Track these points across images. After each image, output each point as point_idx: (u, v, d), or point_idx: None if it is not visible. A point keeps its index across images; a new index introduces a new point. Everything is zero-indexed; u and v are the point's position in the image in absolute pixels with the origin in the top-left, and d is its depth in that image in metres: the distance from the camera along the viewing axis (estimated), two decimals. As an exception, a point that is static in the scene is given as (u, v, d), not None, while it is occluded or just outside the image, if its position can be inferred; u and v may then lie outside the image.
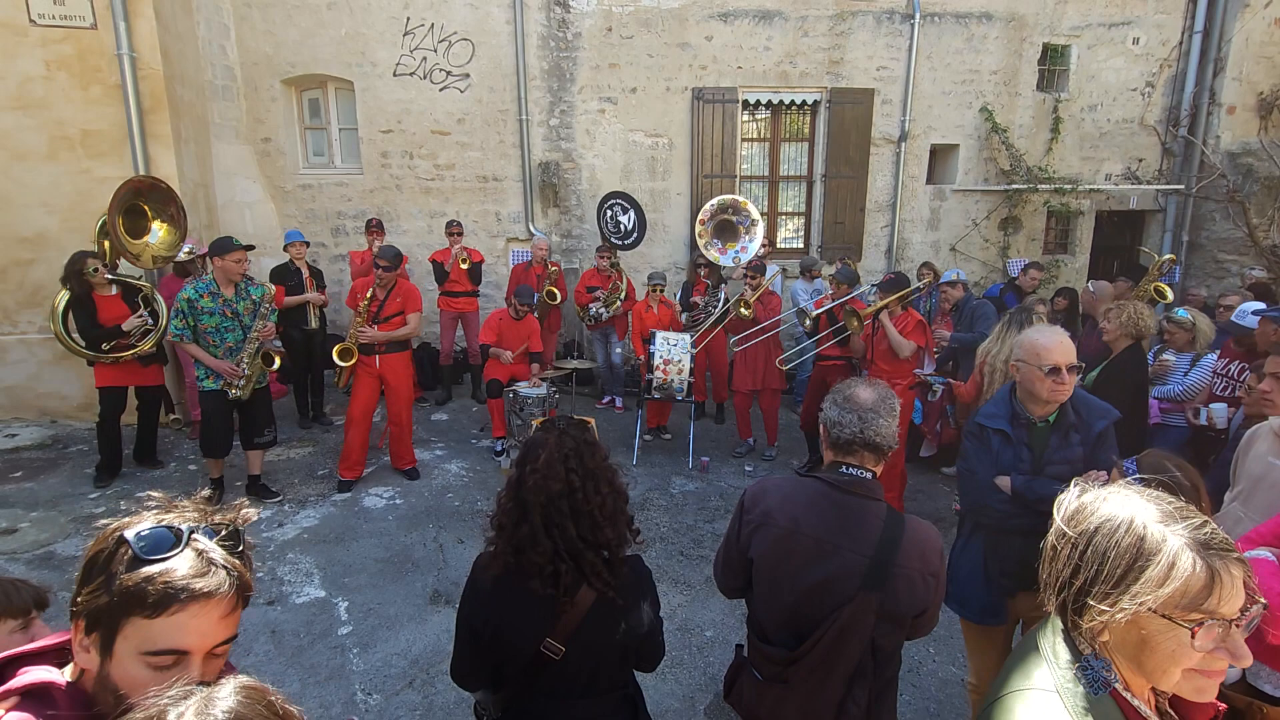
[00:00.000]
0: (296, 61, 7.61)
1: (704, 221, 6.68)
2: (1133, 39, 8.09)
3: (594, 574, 1.49)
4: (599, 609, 1.49)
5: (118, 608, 0.92)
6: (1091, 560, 1.02)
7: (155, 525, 0.97)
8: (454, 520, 4.72)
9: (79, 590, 0.96)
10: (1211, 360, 4.39)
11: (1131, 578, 0.98)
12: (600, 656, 1.50)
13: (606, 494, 1.54)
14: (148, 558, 0.94)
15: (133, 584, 0.92)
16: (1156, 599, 0.95)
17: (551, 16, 7.66)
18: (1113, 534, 1.01)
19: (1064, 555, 1.06)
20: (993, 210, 8.33)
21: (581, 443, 1.56)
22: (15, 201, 5.88)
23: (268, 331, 4.65)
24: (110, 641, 0.93)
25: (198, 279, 4.64)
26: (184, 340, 4.44)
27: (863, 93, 7.96)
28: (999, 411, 2.47)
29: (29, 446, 5.68)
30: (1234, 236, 7.95)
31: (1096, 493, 1.09)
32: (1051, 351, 2.30)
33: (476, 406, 7.07)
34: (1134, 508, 1.04)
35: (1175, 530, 0.99)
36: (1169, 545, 0.98)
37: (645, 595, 1.57)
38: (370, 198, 7.97)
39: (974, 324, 5.41)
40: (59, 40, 5.75)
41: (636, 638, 1.52)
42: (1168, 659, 0.98)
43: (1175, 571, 0.95)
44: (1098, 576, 1.01)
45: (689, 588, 3.97)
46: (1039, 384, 2.32)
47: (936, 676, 3.29)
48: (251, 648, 3.35)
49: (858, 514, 1.68)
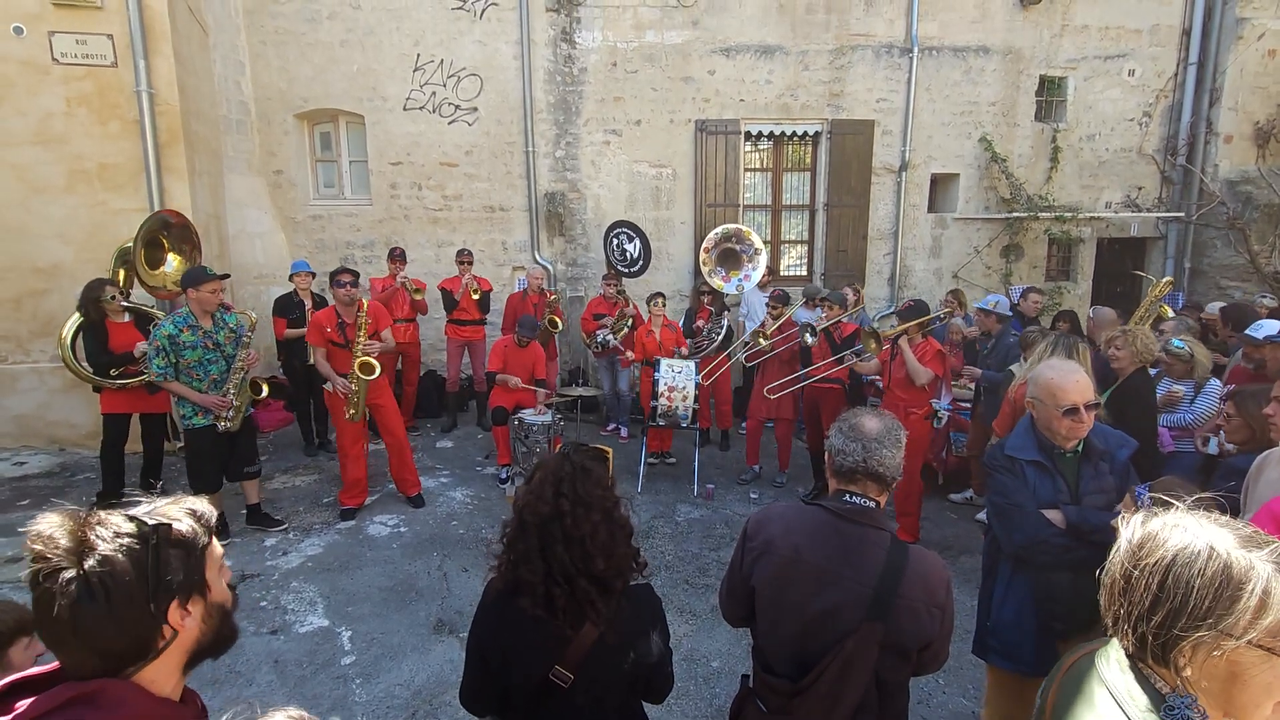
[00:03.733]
0: (309, 96, 7.80)
1: (708, 250, 6.76)
2: (1128, 70, 8.24)
3: (587, 602, 1.47)
4: (608, 634, 1.49)
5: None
6: (1173, 592, 0.94)
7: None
8: (458, 548, 4.70)
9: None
10: (1216, 386, 4.38)
11: (1222, 609, 0.91)
12: (608, 687, 1.50)
13: (599, 522, 1.51)
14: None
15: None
16: (1260, 630, 0.88)
17: (558, 52, 7.86)
18: (1192, 563, 0.94)
19: (1140, 587, 0.98)
20: (994, 238, 8.40)
21: (579, 469, 1.54)
22: (32, 233, 6.00)
23: (252, 359, 4.57)
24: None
25: (174, 314, 4.47)
26: (167, 379, 4.29)
27: (863, 124, 8.10)
28: (1027, 442, 2.35)
29: (37, 474, 5.72)
30: (1235, 263, 7.99)
31: (1162, 519, 1.02)
32: (1068, 392, 2.22)
33: (482, 434, 7.08)
34: (1210, 534, 0.97)
35: (1260, 556, 0.92)
36: (1258, 572, 0.90)
37: (653, 625, 1.55)
38: (379, 228, 8.10)
39: (1008, 362, 5.02)
40: (80, 78, 5.93)
41: (646, 668, 1.50)
42: (1262, 693, 0.91)
43: (1273, 600, 0.89)
44: (1183, 610, 0.93)
45: (694, 617, 3.94)
46: (1057, 423, 2.24)
47: (947, 709, 3.23)
48: (254, 678, 3.33)
49: (860, 543, 1.68)
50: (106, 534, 0.98)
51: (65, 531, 0.97)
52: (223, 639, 1.13)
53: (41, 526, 0.98)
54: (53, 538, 0.96)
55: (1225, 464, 2.93)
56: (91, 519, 0.99)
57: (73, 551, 0.96)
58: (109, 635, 0.97)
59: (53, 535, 0.97)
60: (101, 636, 0.97)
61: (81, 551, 0.96)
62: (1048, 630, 2.25)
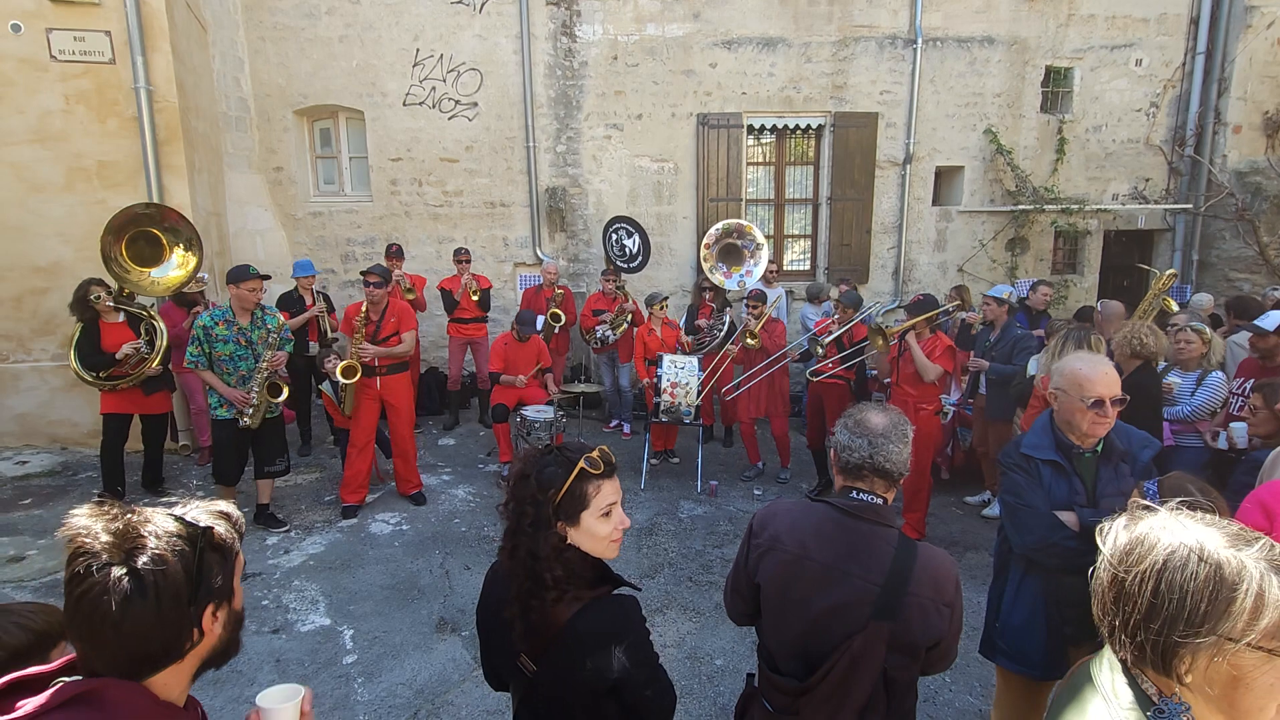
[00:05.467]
0: (309, 93, 7.77)
1: (709, 246, 6.71)
2: (1135, 60, 8.14)
3: (539, 590, 1.43)
4: (566, 636, 1.43)
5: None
6: (1167, 598, 0.92)
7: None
8: (460, 546, 4.67)
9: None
10: (1218, 378, 4.31)
11: (1217, 612, 0.88)
12: (569, 689, 1.44)
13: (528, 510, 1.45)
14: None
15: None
16: (1258, 632, 0.87)
17: (558, 46, 7.81)
18: (1184, 567, 0.92)
19: (1133, 595, 0.96)
20: (999, 231, 8.33)
21: (541, 465, 1.47)
22: (32, 232, 5.99)
23: (277, 361, 4.65)
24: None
25: (214, 307, 4.66)
26: (199, 367, 4.47)
27: (866, 116, 8.03)
28: (1044, 441, 2.27)
29: (39, 474, 5.71)
30: (1244, 255, 7.90)
31: (1147, 522, 1.00)
32: (1095, 383, 2.14)
33: (484, 431, 7.06)
34: (1197, 534, 0.94)
35: (1250, 555, 0.90)
36: (1250, 572, 0.89)
37: (617, 640, 1.44)
38: (379, 224, 8.06)
39: (1014, 355, 4.91)
40: (78, 75, 5.90)
41: (605, 681, 1.41)
42: (1265, 694, 0.89)
43: (1268, 599, 0.87)
44: (1179, 616, 0.91)
45: (698, 614, 3.90)
46: (1079, 416, 2.16)
47: (953, 706, 3.20)
48: (256, 677, 3.30)
49: (868, 540, 1.64)
50: (159, 531, 0.97)
51: (107, 527, 0.96)
52: (229, 650, 1.12)
53: (81, 520, 0.96)
54: (96, 533, 0.95)
55: (1249, 457, 2.88)
56: (134, 516, 0.98)
57: (119, 548, 0.94)
58: (149, 635, 0.96)
59: (94, 530, 0.95)
60: (142, 636, 0.96)
61: (131, 549, 0.95)
62: (1058, 634, 2.19)
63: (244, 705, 3.09)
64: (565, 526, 1.44)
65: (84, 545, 0.94)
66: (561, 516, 1.44)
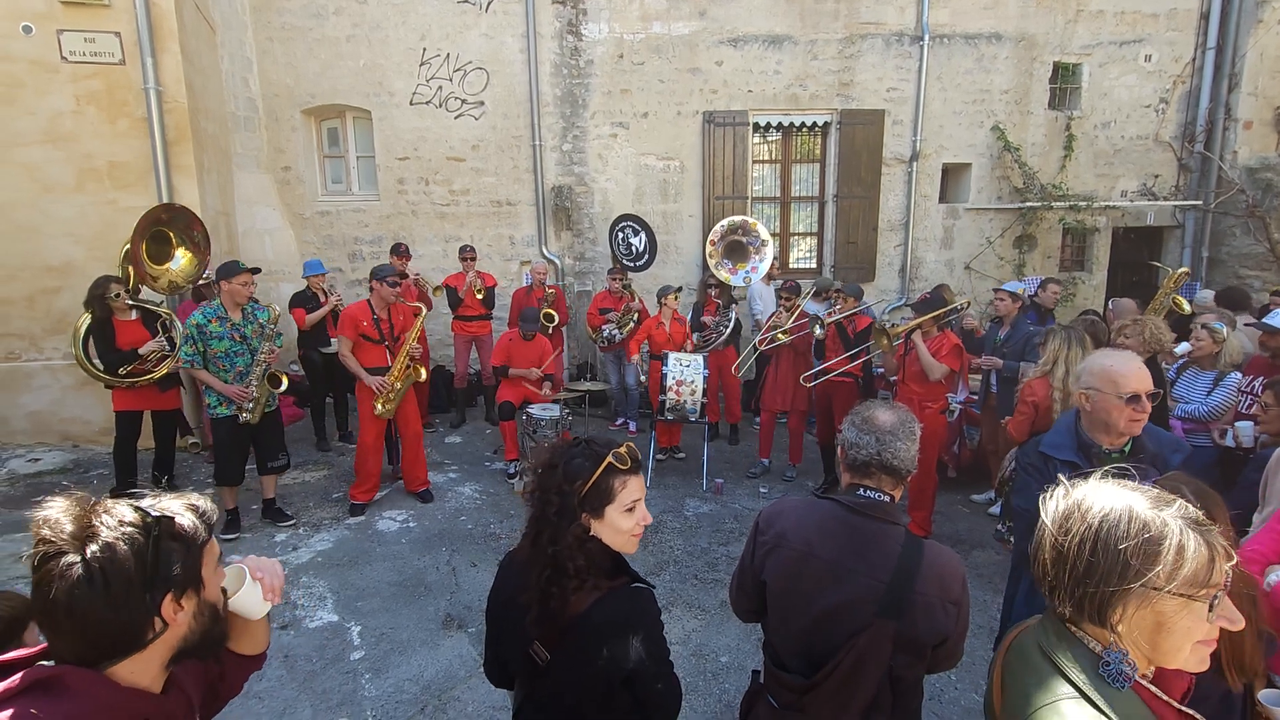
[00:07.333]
0: (316, 92, 7.80)
1: (714, 242, 6.71)
2: (1145, 56, 8.08)
3: (560, 578, 1.44)
4: (583, 624, 1.45)
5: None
6: (1104, 555, 1.03)
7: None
8: (467, 543, 4.70)
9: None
10: (1235, 379, 4.29)
11: (1147, 565, 0.99)
12: (584, 680, 1.45)
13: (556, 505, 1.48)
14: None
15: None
16: (1179, 580, 0.98)
17: (564, 45, 7.81)
18: (1116, 526, 1.03)
19: (1072, 555, 1.06)
20: (1007, 228, 8.29)
21: (570, 456, 1.50)
22: (43, 232, 6.04)
23: (274, 355, 4.67)
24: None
25: (205, 304, 4.66)
26: (195, 366, 4.45)
27: (873, 114, 8.00)
28: (1065, 441, 2.23)
29: (51, 471, 5.77)
30: (1255, 252, 7.83)
31: (1080, 490, 1.11)
32: (1129, 378, 2.10)
33: (490, 429, 7.08)
34: (1125, 497, 1.06)
35: (1170, 513, 1.02)
36: (1171, 528, 1.00)
37: (634, 630, 1.46)
38: (387, 223, 8.10)
39: (1025, 352, 4.81)
40: (89, 76, 5.95)
41: (620, 671, 1.43)
42: (1183, 636, 1.01)
43: (1188, 552, 0.98)
44: (1113, 570, 1.02)
45: (704, 612, 3.91)
46: (1117, 413, 2.10)
47: (959, 705, 3.19)
48: (264, 672, 3.32)
49: (874, 538, 1.64)
50: (111, 522, 0.99)
51: (70, 517, 0.98)
52: (212, 640, 1.13)
53: (48, 511, 0.99)
54: (59, 522, 0.98)
55: (1258, 455, 2.86)
56: (97, 506, 1.01)
57: (76, 537, 0.97)
58: (103, 622, 0.98)
59: (58, 520, 0.98)
60: (95, 623, 0.97)
61: (85, 537, 0.97)
62: None
63: (251, 699, 3.12)
64: (589, 518, 1.47)
65: (44, 535, 0.98)
66: (586, 508, 1.46)
